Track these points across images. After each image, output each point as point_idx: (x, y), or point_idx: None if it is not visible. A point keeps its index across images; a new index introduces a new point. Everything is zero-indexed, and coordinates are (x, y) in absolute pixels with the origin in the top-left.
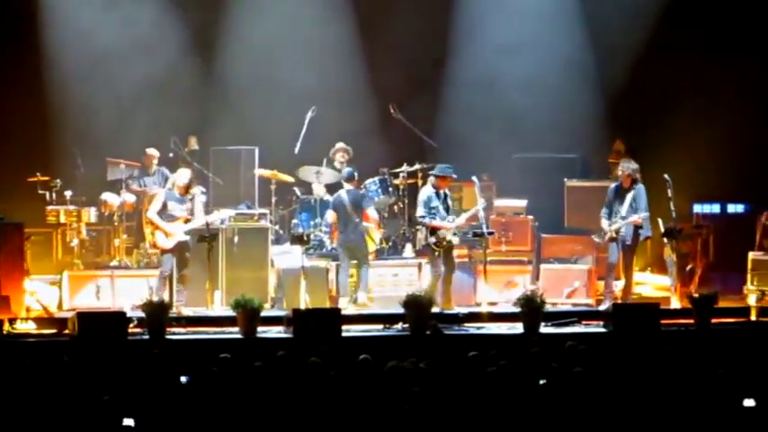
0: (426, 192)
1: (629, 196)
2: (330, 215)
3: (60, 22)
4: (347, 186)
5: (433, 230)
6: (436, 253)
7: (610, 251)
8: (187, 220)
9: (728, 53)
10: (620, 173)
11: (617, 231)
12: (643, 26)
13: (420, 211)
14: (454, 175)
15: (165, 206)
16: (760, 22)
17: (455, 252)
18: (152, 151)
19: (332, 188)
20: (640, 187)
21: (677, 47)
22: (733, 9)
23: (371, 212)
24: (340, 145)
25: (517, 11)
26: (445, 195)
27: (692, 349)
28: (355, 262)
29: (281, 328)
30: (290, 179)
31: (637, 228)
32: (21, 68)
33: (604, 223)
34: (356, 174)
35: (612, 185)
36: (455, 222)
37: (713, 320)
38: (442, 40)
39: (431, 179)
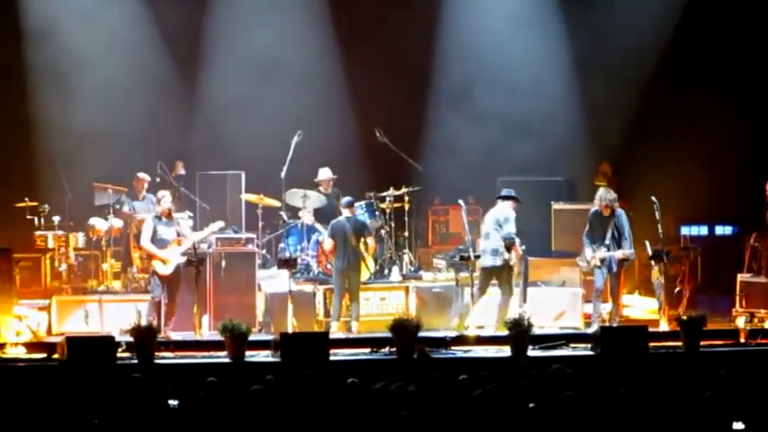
0: (512, 214)
1: (610, 224)
2: (328, 243)
3: (46, 46)
4: (346, 213)
5: (509, 251)
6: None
7: (595, 277)
8: (179, 243)
9: (716, 77)
10: (596, 203)
11: (601, 260)
12: (631, 50)
13: (514, 228)
14: None
15: (155, 232)
16: (746, 48)
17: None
18: (143, 175)
19: (318, 214)
20: (620, 214)
21: (665, 70)
22: (721, 35)
23: (371, 241)
24: (325, 174)
25: (502, 34)
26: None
27: (681, 372)
28: (347, 286)
29: (268, 353)
30: (277, 203)
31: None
32: (7, 93)
33: (587, 251)
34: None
35: (593, 209)
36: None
37: (702, 343)
38: (427, 64)
39: (509, 203)
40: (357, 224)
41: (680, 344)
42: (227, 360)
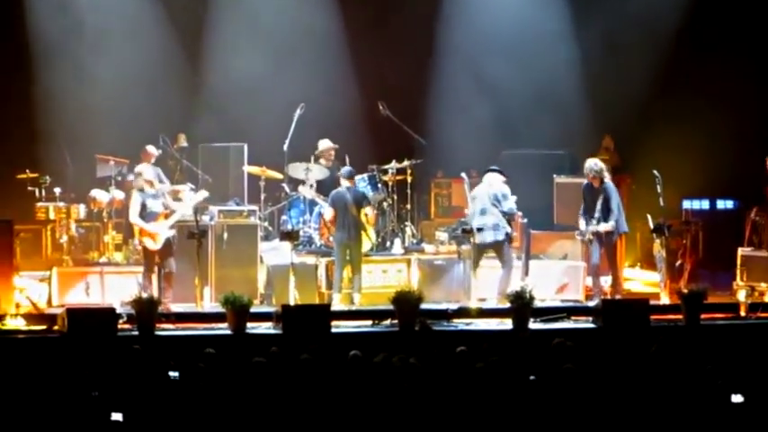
0: (508, 188)
1: (599, 197)
2: (329, 212)
3: (47, 16)
4: (346, 184)
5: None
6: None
7: (591, 251)
8: (167, 216)
9: (718, 51)
10: (586, 174)
11: (594, 233)
12: (633, 25)
13: (514, 203)
14: None
15: (144, 207)
16: (750, 23)
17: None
18: (151, 149)
19: (320, 186)
20: (608, 187)
21: (667, 45)
22: (723, 11)
23: (370, 212)
24: (326, 144)
25: (507, 8)
26: None
27: (681, 345)
28: (349, 258)
29: (270, 325)
30: (279, 176)
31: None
32: (8, 65)
33: (581, 224)
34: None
35: (585, 183)
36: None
37: (702, 316)
38: (431, 36)
39: (500, 177)
40: (357, 195)
41: (681, 317)
42: (228, 332)
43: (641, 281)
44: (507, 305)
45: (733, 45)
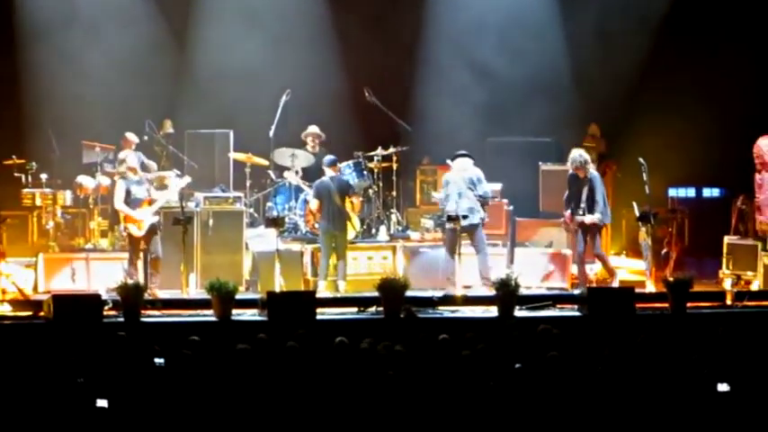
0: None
1: (585, 188)
2: (314, 203)
3: (33, 5)
4: (330, 173)
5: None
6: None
7: (576, 240)
8: (150, 202)
9: (703, 39)
10: (570, 165)
11: (579, 224)
12: (619, 13)
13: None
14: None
15: (128, 193)
16: (736, 12)
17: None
18: (131, 136)
19: (306, 173)
20: (593, 177)
21: (653, 33)
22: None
23: (356, 200)
24: (313, 129)
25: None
26: None
27: (667, 334)
28: (334, 246)
29: (255, 311)
30: (265, 162)
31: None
32: None
33: (566, 213)
34: (338, 161)
35: (570, 172)
36: None
37: (688, 305)
38: (417, 22)
39: (471, 161)
40: (341, 183)
41: (667, 306)
42: (213, 319)
43: (627, 269)
44: (493, 292)
45: (719, 33)
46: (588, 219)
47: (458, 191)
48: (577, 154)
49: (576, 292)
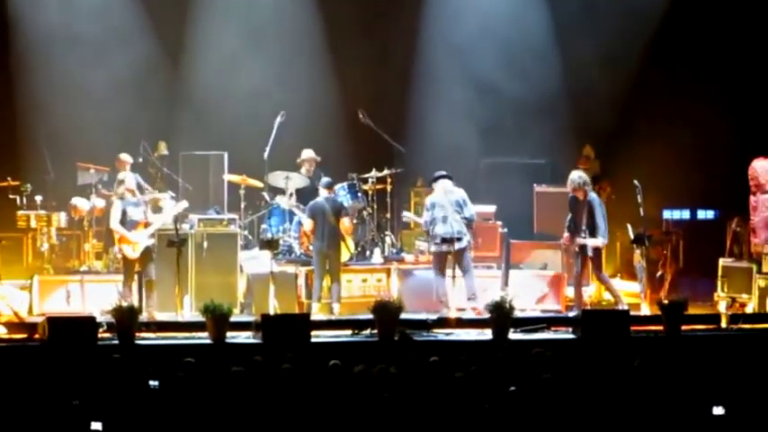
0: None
1: (585, 209)
2: (308, 223)
3: (29, 26)
4: (325, 194)
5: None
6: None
7: (575, 262)
8: (146, 224)
9: (698, 60)
10: (569, 187)
11: (579, 246)
12: (613, 35)
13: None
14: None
15: (124, 214)
16: (729, 33)
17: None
18: (125, 157)
19: (300, 194)
20: (592, 200)
21: (647, 55)
22: (708, 22)
23: (347, 222)
24: (308, 154)
25: (485, 14)
26: None
27: (662, 356)
28: (328, 267)
29: (249, 334)
30: (259, 184)
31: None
32: None
33: (565, 235)
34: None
35: (570, 195)
36: None
37: (683, 327)
38: (411, 44)
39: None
40: (335, 205)
41: (661, 328)
42: (208, 341)
43: (621, 291)
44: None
45: (713, 57)
46: (591, 242)
47: (443, 214)
48: (576, 175)
49: (571, 314)
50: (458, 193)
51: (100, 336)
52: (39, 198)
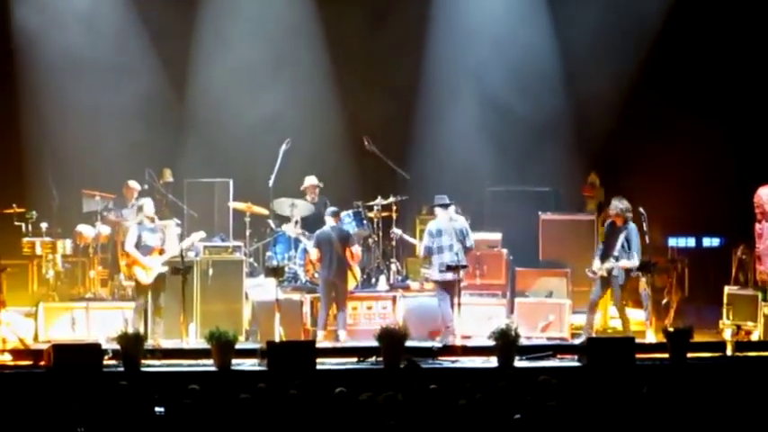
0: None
1: (621, 236)
2: (314, 252)
3: (35, 54)
4: (331, 222)
5: None
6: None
7: (594, 288)
8: (161, 251)
9: (703, 89)
10: (611, 212)
11: (608, 271)
12: (618, 63)
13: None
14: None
15: (139, 239)
16: (731, 63)
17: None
18: (133, 184)
19: (305, 222)
20: (632, 228)
21: (653, 83)
22: (707, 49)
23: (355, 250)
24: (311, 181)
25: (492, 44)
26: None
27: (667, 384)
28: (334, 295)
29: (255, 361)
30: (265, 212)
31: (628, 269)
32: None
33: (595, 261)
34: (340, 212)
35: (608, 222)
36: None
37: (688, 355)
38: (416, 72)
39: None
40: (342, 233)
41: (666, 356)
42: (213, 368)
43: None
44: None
45: (716, 85)
46: (622, 263)
47: (449, 242)
48: (618, 200)
49: (577, 341)
50: (461, 222)
51: (105, 363)
52: (44, 225)
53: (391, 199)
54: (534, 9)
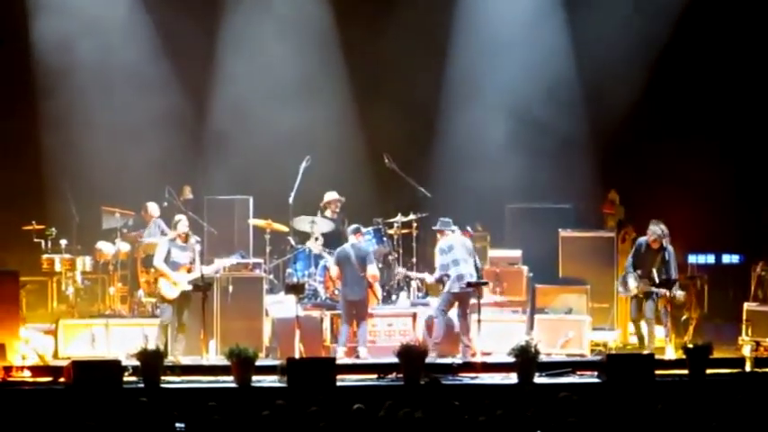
0: None
1: (658, 258)
2: (335, 270)
3: (54, 71)
4: (352, 240)
5: None
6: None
7: (632, 307)
8: (189, 270)
9: (724, 108)
10: (649, 237)
11: (646, 293)
12: (638, 78)
13: None
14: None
15: (168, 254)
16: (747, 81)
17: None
18: (153, 208)
19: (326, 238)
20: (670, 251)
21: (672, 98)
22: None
23: (373, 269)
24: (333, 195)
25: (511, 61)
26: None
27: (686, 400)
28: (355, 313)
29: (275, 378)
30: (285, 229)
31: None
32: (16, 115)
33: (630, 279)
34: (362, 228)
35: (641, 239)
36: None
37: (708, 371)
38: (437, 90)
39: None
40: (361, 252)
41: (686, 372)
42: (233, 385)
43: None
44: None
45: (736, 102)
46: (679, 294)
47: (462, 257)
48: (657, 227)
49: (597, 357)
50: (467, 241)
51: (125, 379)
52: (63, 242)
53: (411, 216)
54: (554, 24)
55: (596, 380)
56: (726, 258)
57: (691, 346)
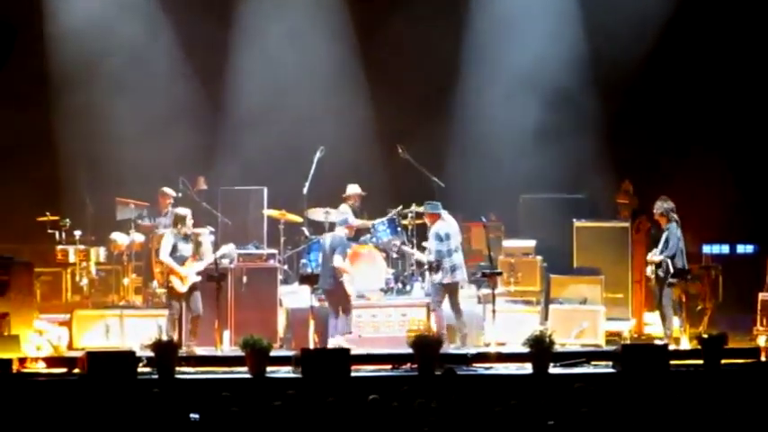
0: None
1: (662, 237)
2: (320, 259)
3: (71, 62)
4: (338, 231)
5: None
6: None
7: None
8: (196, 259)
9: (739, 97)
10: (655, 212)
11: (653, 273)
12: (652, 71)
13: None
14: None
15: (174, 248)
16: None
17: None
18: (168, 191)
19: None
20: (671, 228)
21: (687, 88)
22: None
23: (339, 261)
24: (356, 190)
25: (524, 52)
26: None
27: (701, 390)
28: (330, 302)
29: (289, 368)
30: (299, 219)
31: (657, 267)
32: (31, 111)
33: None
34: (350, 221)
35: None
36: None
37: (722, 361)
38: (450, 80)
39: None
40: (334, 241)
41: (700, 362)
42: (247, 375)
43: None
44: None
45: (754, 88)
46: (649, 256)
47: (455, 245)
48: (661, 201)
49: (612, 348)
50: (458, 227)
51: (139, 370)
52: (78, 233)
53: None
54: (569, 15)
55: (611, 370)
56: (740, 248)
57: (705, 336)
